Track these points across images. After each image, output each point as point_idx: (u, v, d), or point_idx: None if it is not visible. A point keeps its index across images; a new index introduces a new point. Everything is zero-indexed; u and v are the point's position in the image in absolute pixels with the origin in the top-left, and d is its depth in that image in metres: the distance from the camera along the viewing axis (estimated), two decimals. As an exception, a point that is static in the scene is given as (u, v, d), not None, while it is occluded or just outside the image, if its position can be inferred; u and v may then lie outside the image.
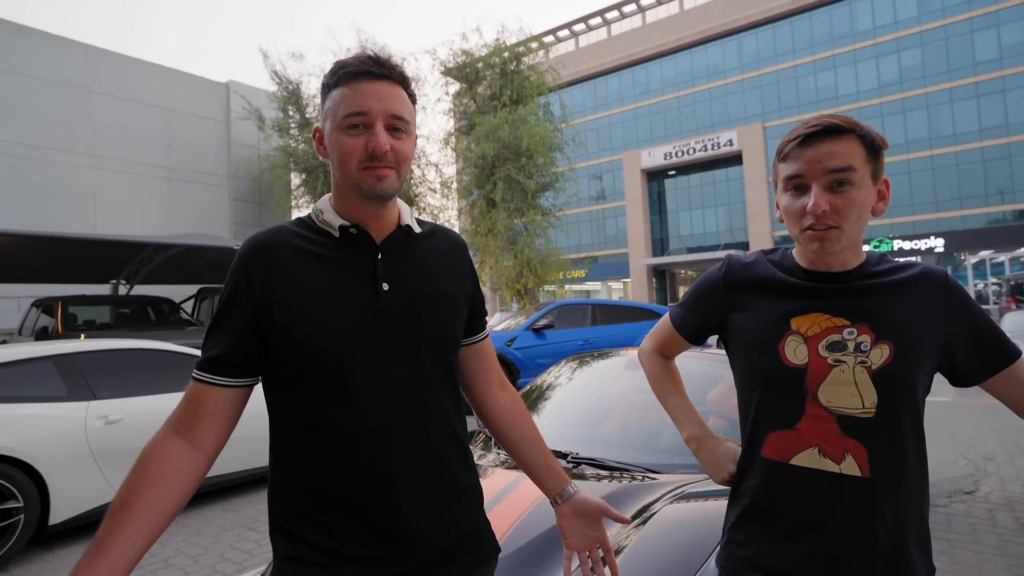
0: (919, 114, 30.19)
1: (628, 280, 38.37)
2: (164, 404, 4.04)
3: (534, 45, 17.52)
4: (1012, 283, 16.72)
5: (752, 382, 1.05)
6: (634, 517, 1.74)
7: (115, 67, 14.57)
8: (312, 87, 16.71)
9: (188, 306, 10.61)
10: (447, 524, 0.96)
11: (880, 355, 0.94)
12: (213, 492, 4.46)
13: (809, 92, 33.26)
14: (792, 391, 0.99)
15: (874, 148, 0.96)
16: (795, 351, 0.99)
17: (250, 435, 4.35)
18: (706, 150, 35.20)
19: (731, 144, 34.49)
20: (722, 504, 1.73)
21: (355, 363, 0.91)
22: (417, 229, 1.03)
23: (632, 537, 1.62)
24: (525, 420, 1.14)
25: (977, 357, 0.98)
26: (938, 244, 28.52)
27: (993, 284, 23.32)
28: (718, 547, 1.52)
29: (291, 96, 16.69)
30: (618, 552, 1.56)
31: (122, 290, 10.83)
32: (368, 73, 0.91)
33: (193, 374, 0.92)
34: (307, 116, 16.92)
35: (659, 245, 38.33)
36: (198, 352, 4.40)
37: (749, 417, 1.07)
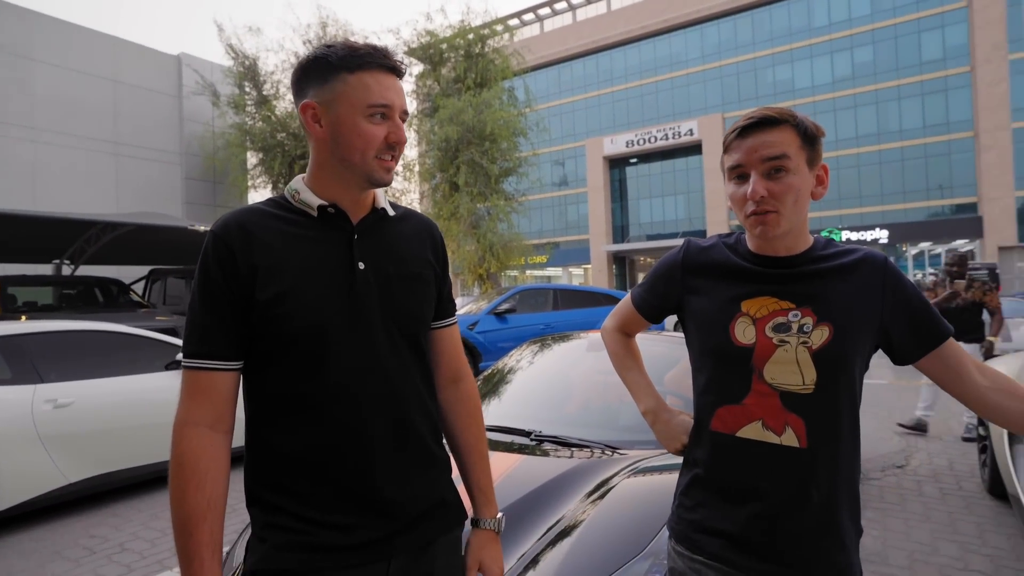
0: (869, 110, 31.36)
1: (588, 266, 38.81)
2: (119, 387, 3.94)
3: (499, 28, 17.36)
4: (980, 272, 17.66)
5: (704, 360, 1.12)
6: (594, 490, 1.83)
7: (56, 34, 13.71)
8: (270, 63, 16.20)
9: (139, 288, 10.23)
10: (420, 492, 1.00)
11: (820, 336, 1.01)
12: (167, 476, 4.38)
13: (767, 85, 34.08)
14: (740, 369, 1.06)
15: (808, 136, 1.03)
16: (744, 332, 1.06)
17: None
18: (667, 139, 35.73)
19: (691, 134, 35.09)
20: (675, 477, 1.84)
21: (335, 339, 0.94)
22: (391, 212, 1.06)
23: (591, 509, 1.70)
24: (466, 425, 1.14)
25: (912, 336, 1.05)
26: (883, 235, 29.84)
27: (931, 274, 24.63)
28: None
29: (248, 72, 16.09)
30: (578, 524, 1.64)
31: (66, 271, 10.34)
32: (394, 69, 0.96)
33: (193, 364, 0.92)
34: (264, 93, 16.36)
35: (619, 232, 38.85)
36: (154, 335, 4.33)
37: (699, 392, 1.14)
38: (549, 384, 2.95)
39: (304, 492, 0.93)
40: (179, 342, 4.51)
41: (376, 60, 0.94)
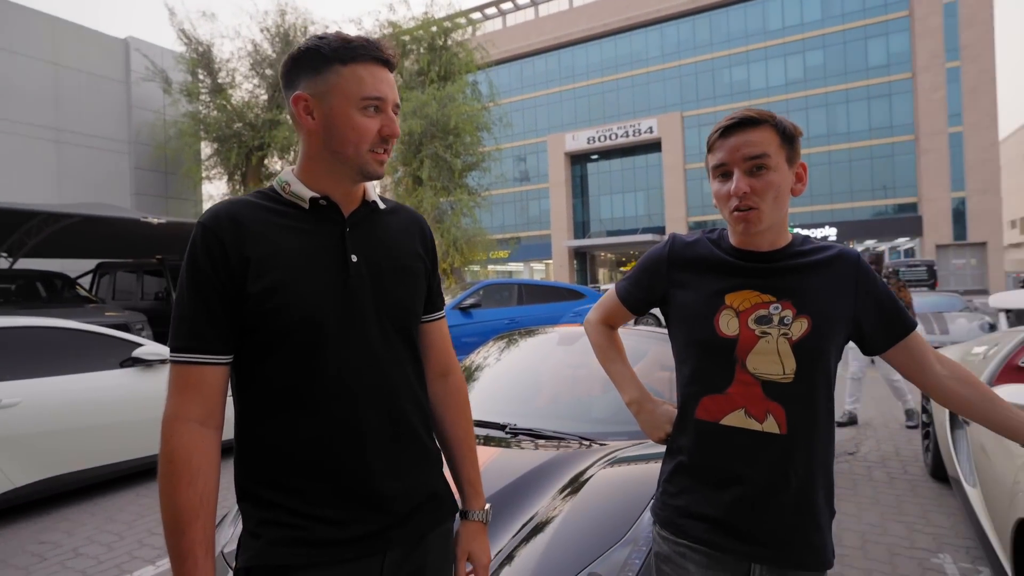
0: (819, 112, 32.60)
1: (550, 261, 39.09)
2: (69, 386, 3.76)
3: (462, 21, 17.24)
4: (890, 270, 18.59)
5: (689, 351, 1.16)
6: (572, 481, 1.86)
7: (-11, 12, 12.91)
8: (225, 50, 15.61)
9: (85, 282, 9.75)
10: (413, 485, 1.00)
11: (800, 328, 1.06)
12: (123, 478, 4.22)
13: (724, 85, 34.97)
14: (724, 359, 1.10)
15: (787, 136, 1.08)
16: (728, 324, 1.10)
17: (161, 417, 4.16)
18: (627, 136, 36.28)
19: (651, 131, 35.73)
20: (650, 466, 1.89)
21: (330, 332, 0.93)
22: (381, 205, 1.06)
23: (570, 500, 1.74)
24: (455, 419, 1.15)
25: (881, 329, 1.11)
26: (831, 233, 31.12)
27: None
28: (651, 502, 1.68)
29: (201, 59, 15.48)
30: (558, 515, 1.67)
31: (3, 264, 9.77)
32: (386, 62, 0.95)
33: (183, 358, 0.89)
34: (219, 81, 15.78)
35: (580, 228, 39.26)
36: (107, 331, 4.15)
37: (684, 382, 1.17)
38: (521, 378, 2.97)
39: (299, 487, 0.92)
40: (134, 338, 4.34)
41: (370, 52, 0.94)
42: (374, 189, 1.06)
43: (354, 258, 0.97)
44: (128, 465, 4.05)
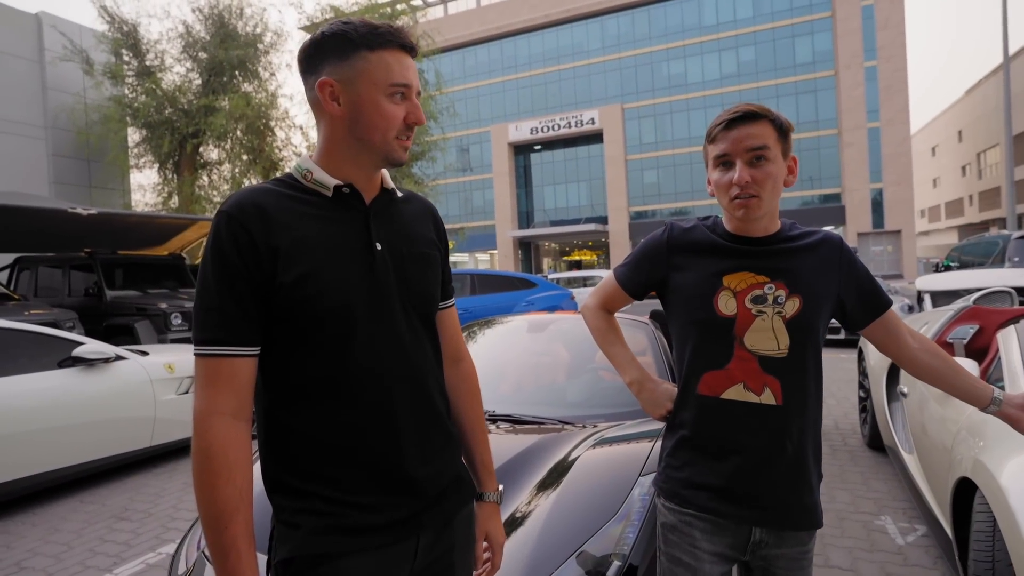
0: (751, 106, 34.03)
1: (495, 252, 39.19)
2: (2, 389, 3.50)
3: (403, 7, 16.91)
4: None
5: (689, 331, 1.23)
6: (558, 464, 1.91)
7: None
8: (153, 31, 14.69)
9: (2, 277, 8.99)
10: (441, 469, 1.02)
11: (793, 306, 1.15)
12: (65, 485, 3.98)
13: (663, 78, 35.92)
14: (723, 337, 1.17)
15: (783, 130, 1.16)
16: (726, 303, 1.17)
17: (112, 418, 3.94)
18: (570, 127, 36.72)
19: (593, 122, 36.30)
20: (634, 445, 1.97)
21: (360, 319, 0.93)
22: (398, 193, 1.07)
23: (559, 481, 1.79)
24: (468, 404, 1.18)
25: (861, 306, 1.22)
26: (763, 222, 32.65)
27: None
28: (639, 478, 1.75)
29: (126, 38, 14.48)
30: (551, 495, 1.72)
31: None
32: (411, 49, 0.96)
33: (213, 351, 0.87)
34: (147, 63, 14.84)
35: (524, 218, 39.52)
36: (42, 329, 3.87)
37: (685, 361, 1.23)
38: (494, 366, 2.99)
39: (334, 475, 0.91)
40: (73, 337, 4.08)
41: (396, 39, 0.93)
42: (389, 177, 1.06)
43: (378, 246, 0.97)
44: (71, 471, 3.82)
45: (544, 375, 2.85)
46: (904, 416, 3.23)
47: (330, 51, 0.93)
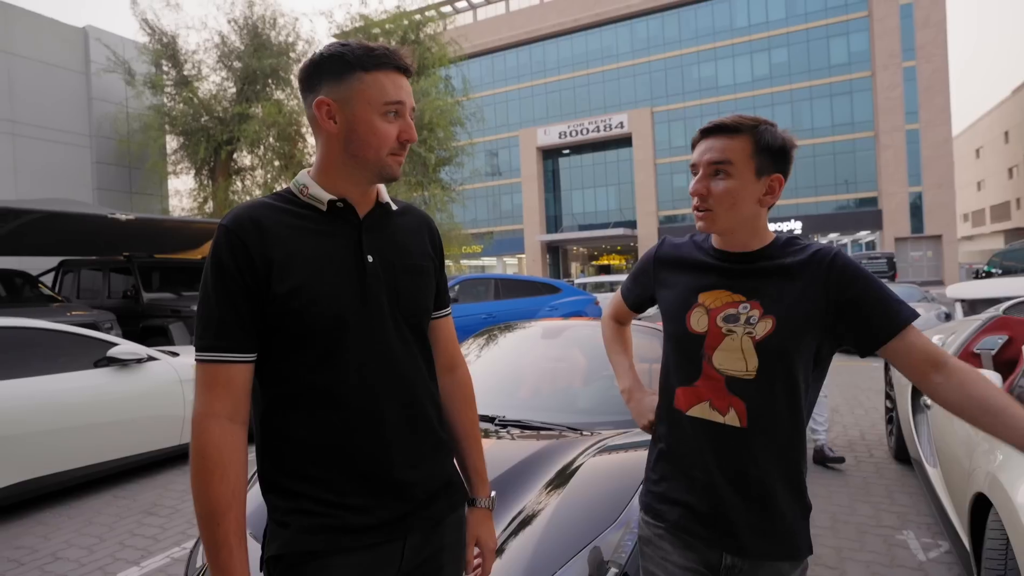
0: (784, 108, 33.40)
1: (523, 256, 39.23)
2: (41, 387, 3.68)
3: (432, 14, 17.13)
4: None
5: (668, 345, 1.23)
6: (562, 470, 1.93)
7: (-64, -2, 12.30)
8: (191, 41, 15.20)
9: (47, 280, 9.41)
10: (430, 473, 1.05)
11: (764, 327, 1.09)
12: (100, 480, 4.14)
13: (693, 81, 35.52)
14: (693, 354, 1.15)
15: (765, 148, 1.08)
16: (698, 320, 1.15)
17: (143, 416, 4.09)
18: (599, 131, 36.56)
19: (622, 126, 36.08)
20: (638, 454, 1.98)
21: (350, 329, 0.97)
22: (393, 207, 1.10)
23: (561, 487, 1.81)
24: (463, 411, 1.20)
25: (866, 328, 1.08)
26: (797, 227, 31.98)
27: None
28: (640, 487, 1.76)
29: (166, 49, 15.02)
30: (552, 501, 1.74)
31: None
32: (405, 70, 1.00)
33: (211, 357, 0.92)
34: (185, 73, 15.35)
35: (553, 222, 39.46)
36: (80, 330, 4.05)
37: (664, 373, 1.24)
38: (508, 371, 3.03)
39: (323, 477, 0.96)
40: (108, 338, 4.26)
41: (391, 61, 0.98)
42: (385, 191, 1.10)
43: (370, 258, 1.00)
44: (105, 467, 3.98)
45: (556, 381, 2.87)
46: (928, 428, 3.14)
47: (328, 71, 0.97)
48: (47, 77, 13.86)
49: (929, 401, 3.07)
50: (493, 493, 1.23)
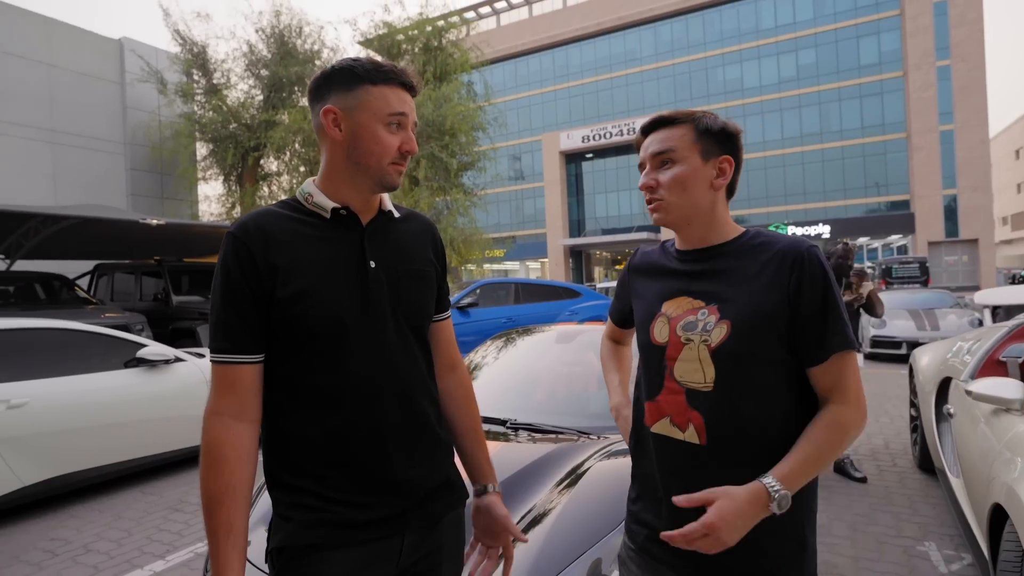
0: (812, 110, 32.81)
1: (546, 260, 39.18)
2: (76, 386, 3.83)
3: (456, 20, 17.31)
4: (883, 267, 18.71)
5: (639, 357, 1.18)
6: (569, 473, 1.95)
7: (-17, 13, 12.88)
8: (220, 51, 15.61)
9: (83, 283, 9.77)
10: (428, 472, 1.09)
11: (719, 333, 1.01)
12: (129, 476, 4.28)
13: (717, 83, 35.13)
14: (656, 366, 1.09)
15: (706, 131, 1.07)
16: (660, 331, 1.10)
17: (171, 416, 4.22)
18: (622, 134, 36.35)
19: (645, 130, 35.80)
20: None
21: (353, 332, 1.01)
22: (396, 214, 1.14)
23: (568, 491, 1.82)
24: (465, 408, 1.24)
25: (803, 345, 1.00)
26: (825, 231, 31.33)
27: (868, 267, 26.05)
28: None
29: (196, 59, 15.48)
30: (557, 504, 1.76)
31: (0, 266, 9.78)
32: (411, 87, 1.05)
33: (218, 359, 0.97)
34: (214, 82, 15.79)
35: (576, 226, 39.35)
36: (111, 332, 4.21)
37: (637, 387, 1.19)
38: (520, 375, 3.05)
39: (324, 474, 1.00)
40: (138, 339, 4.41)
41: (398, 77, 1.03)
42: (388, 199, 1.14)
43: (372, 264, 1.04)
44: (133, 464, 4.12)
45: (568, 385, 2.88)
46: (952, 437, 3.07)
47: (337, 82, 1.02)
48: (84, 87, 14.39)
49: (953, 409, 3.00)
50: (498, 482, 1.26)
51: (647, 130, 1.12)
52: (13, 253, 9.60)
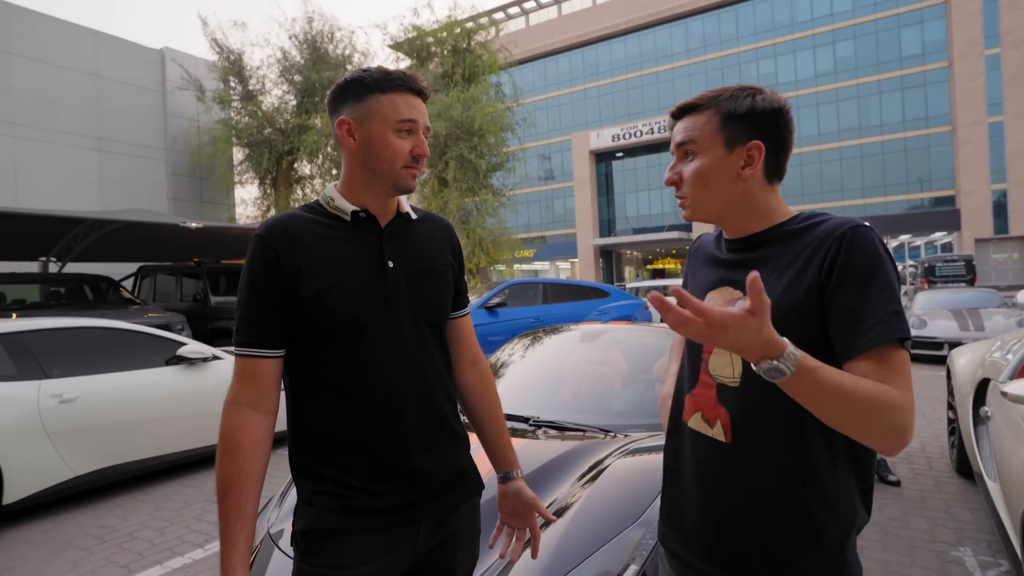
0: (850, 104, 31.86)
1: (576, 260, 39.03)
2: (121, 382, 4.01)
3: (484, 21, 17.42)
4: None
5: (684, 348, 1.15)
6: (589, 470, 1.97)
7: (34, 27, 13.51)
8: (255, 58, 16.09)
9: (127, 285, 10.20)
10: (444, 463, 1.14)
11: None
12: (171, 469, 4.47)
13: (751, 79, 34.38)
14: (694, 359, 1.07)
15: (731, 116, 0.97)
16: None
17: (208, 412, 4.39)
18: (652, 133, 35.93)
19: (676, 128, 35.29)
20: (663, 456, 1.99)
21: (371, 329, 1.06)
22: (413, 216, 1.19)
23: (588, 486, 1.85)
24: (487, 400, 1.28)
25: (836, 335, 0.88)
26: (863, 228, 30.32)
27: (910, 266, 25.15)
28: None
29: (233, 66, 15.98)
30: (577, 499, 1.79)
31: (52, 268, 10.28)
32: (420, 92, 1.09)
33: (240, 351, 1.03)
34: (250, 88, 16.25)
35: (606, 226, 39.09)
36: (153, 331, 4.40)
37: (679, 379, 1.16)
38: (544, 373, 3.09)
39: (345, 463, 1.05)
40: (178, 338, 4.60)
41: (406, 84, 1.08)
42: (406, 202, 1.19)
43: (391, 264, 1.10)
44: (174, 457, 4.30)
45: (591, 384, 2.90)
46: (989, 441, 2.98)
47: (350, 94, 1.08)
48: (129, 96, 15.00)
49: (990, 411, 2.91)
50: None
51: (675, 116, 1.05)
52: (64, 256, 10.09)
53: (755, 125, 0.97)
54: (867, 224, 0.91)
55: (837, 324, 0.87)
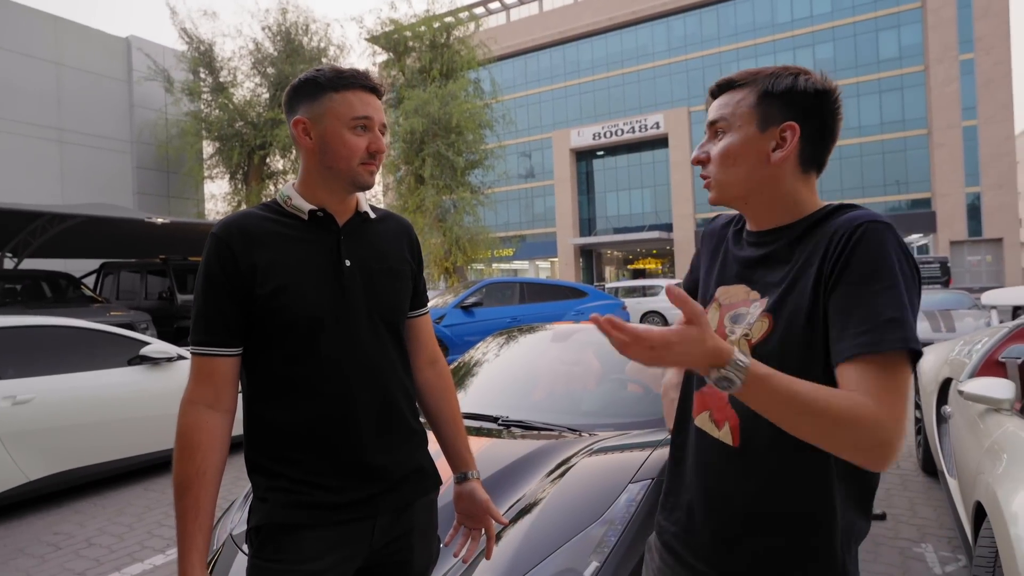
0: (826, 105, 32.30)
1: (555, 259, 39.10)
2: (80, 383, 3.88)
3: (464, 16, 17.30)
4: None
5: None
6: (555, 468, 1.96)
7: (-9, 12, 13.03)
8: (227, 49, 15.74)
9: (89, 282, 9.89)
10: (400, 459, 1.13)
11: (760, 328, 0.90)
12: (132, 472, 4.35)
13: (729, 79, 34.71)
14: None
15: (769, 93, 0.91)
16: (710, 318, 0.98)
17: (173, 413, 4.27)
18: (633, 132, 36.13)
19: (657, 127, 35.56)
20: (629, 454, 1.98)
21: (328, 326, 1.06)
22: (372, 215, 1.19)
23: (553, 484, 1.84)
24: (444, 399, 1.29)
25: (835, 336, 0.81)
26: (839, 228, 30.84)
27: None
28: (628, 485, 1.76)
29: (203, 57, 15.61)
30: (541, 498, 1.77)
31: (8, 264, 9.91)
32: (373, 89, 1.09)
33: (196, 351, 1.03)
34: (221, 80, 15.91)
35: (586, 225, 39.20)
36: (115, 330, 4.27)
37: (688, 373, 1.10)
38: (515, 373, 3.06)
39: (299, 459, 1.05)
40: (141, 337, 4.47)
41: (359, 81, 1.07)
42: (365, 200, 1.19)
43: (347, 263, 1.10)
44: (136, 460, 4.17)
45: (562, 384, 2.88)
46: (950, 439, 3.02)
47: (304, 94, 1.08)
48: (92, 86, 14.55)
49: (950, 410, 2.96)
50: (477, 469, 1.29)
51: (714, 93, 0.98)
52: (21, 252, 9.76)
53: (793, 106, 0.91)
54: (886, 221, 0.84)
55: (831, 326, 0.81)
